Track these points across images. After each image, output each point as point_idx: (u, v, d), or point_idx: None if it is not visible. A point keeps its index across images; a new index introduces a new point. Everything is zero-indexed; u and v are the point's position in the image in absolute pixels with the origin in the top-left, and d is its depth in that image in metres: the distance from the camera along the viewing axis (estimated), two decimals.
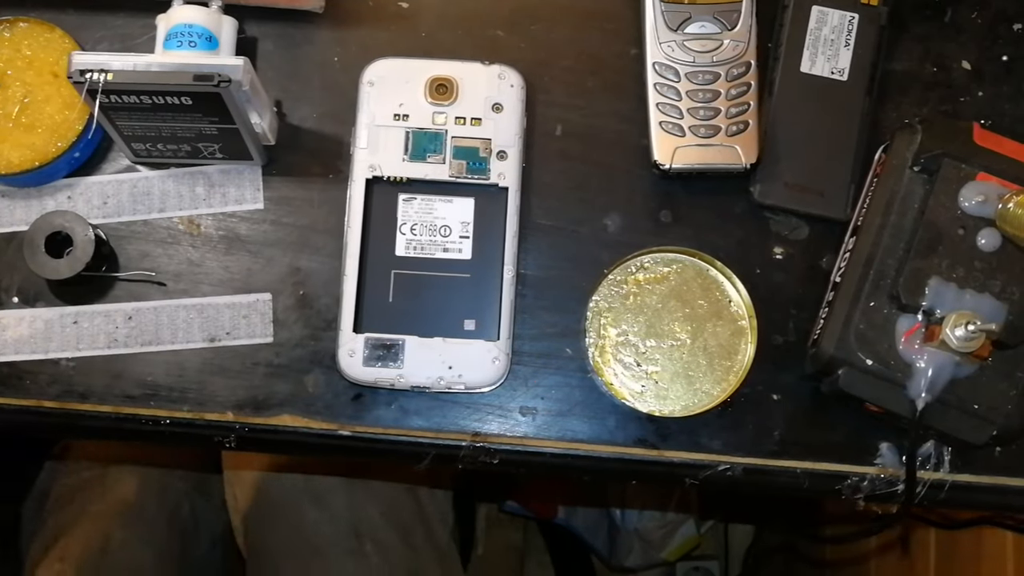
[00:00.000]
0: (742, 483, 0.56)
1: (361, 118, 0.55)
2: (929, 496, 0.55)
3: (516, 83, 0.56)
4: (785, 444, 0.56)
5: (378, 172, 0.55)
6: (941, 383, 0.50)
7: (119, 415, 0.55)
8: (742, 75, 0.55)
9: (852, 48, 0.57)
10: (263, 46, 0.58)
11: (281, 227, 0.57)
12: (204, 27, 0.52)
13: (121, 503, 0.85)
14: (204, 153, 0.55)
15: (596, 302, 0.56)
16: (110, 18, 0.58)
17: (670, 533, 1.31)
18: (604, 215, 0.57)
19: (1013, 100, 0.59)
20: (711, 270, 0.56)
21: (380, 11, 0.59)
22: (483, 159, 0.55)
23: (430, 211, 0.55)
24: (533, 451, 0.56)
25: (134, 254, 0.57)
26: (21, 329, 0.56)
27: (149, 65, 0.49)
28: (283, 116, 0.58)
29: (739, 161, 0.55)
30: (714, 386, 0.55)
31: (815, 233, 0.57)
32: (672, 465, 0.56)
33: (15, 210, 0.57)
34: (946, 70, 0.59)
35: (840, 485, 0.55)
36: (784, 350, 0.56)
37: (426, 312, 0.54)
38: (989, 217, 0.51)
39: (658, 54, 0.56)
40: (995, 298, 0.50)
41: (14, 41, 0.56)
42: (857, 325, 0.51)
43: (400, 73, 0.56)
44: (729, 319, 0.56)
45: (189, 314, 0.56)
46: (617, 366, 0.55)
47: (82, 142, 0.56)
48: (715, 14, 0.56)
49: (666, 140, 0.56)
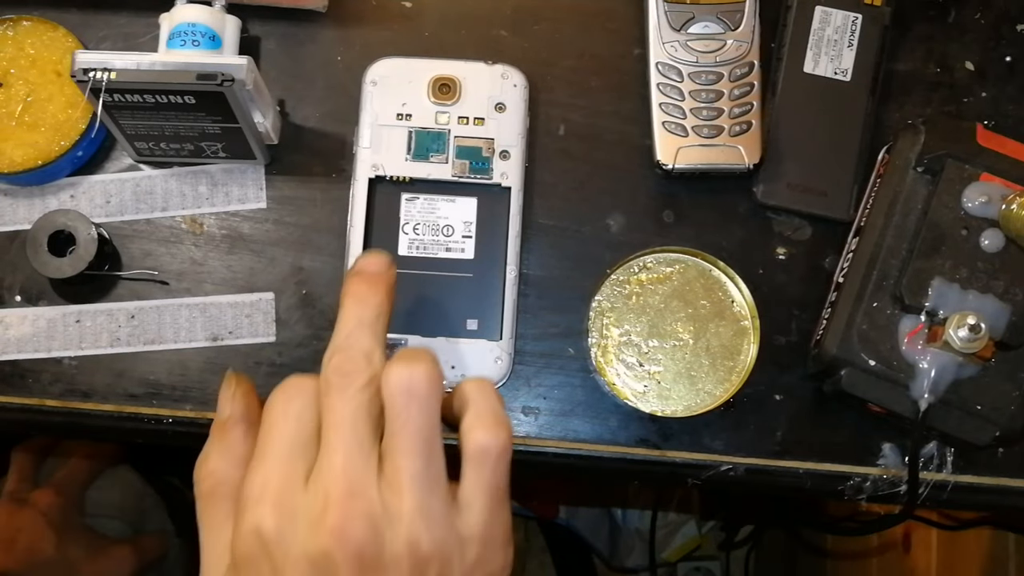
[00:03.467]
0: (744, 483, 0.56)
1: (364, 117, 0.55)
2: (932, 497, 0.55)
3: (519, 83, 0.56)
4: (787, 444, 0.56)
5: (381, 171, 0.55)
6: (944, 384, 0.50)
7: (121, 414, 0.56)
8: (745, 75, 0.55)
9: (855, 48, 0.57)
10: (266, 45, 0.58)
11: (284, 226, 0.57)
12: (207, 26, 0.52)
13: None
14: (207, 152, 0.55)
15: (599, 302, 0.56)
16: (113, 17, 0.58)
17: (671, 533, 1.31)
18: (607, 215, 0.57)
19: (1016, 101, 0.59)
20: (714, 270, 0.56)
21: (383, 11, 0.59)
22: (486, 159, 0.55)
23: (433, 211, 0.55)
24: (535, 451, 0.56)
25: (137, 253, 0.57)
26: (24, 328, 0.56)
27: (152, 64, 0.49)
28: (286, 115, 0.58)
29: (742, 161, 0.55)
30: (716, 386, 0.55)
31: (818, 233, 0.57)
32: (674, 465, 0.56)
33: (18, 209, 0.57)
34: (949, 71, 0.59)
35: (843, 485, 0.55)
36: (787, 350, 0.56)
37: (429, 312, 0.54)
38: (992, 218, 0.51)
39: (661, 54, 0.56)
40: (998, 299, 0.50)
41: (17, 40, 0.56)
42: (860, 325, 0.51)
43: (403, 73, 0.56)
44: (732, 319, 0.56)
45: (192, 313, 0.56)
46: (620, 366, 0.55)
47: (85, 141, 0.56)
48: (718, 14, 0.56)
49: (669, 140, 0.56)
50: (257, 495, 0.35)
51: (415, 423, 0.36)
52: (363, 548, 0.34)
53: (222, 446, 0.39)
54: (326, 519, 0.34)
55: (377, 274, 0.40)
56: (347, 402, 0.36)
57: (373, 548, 0.34)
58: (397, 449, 0.36)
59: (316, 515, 0.34)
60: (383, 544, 0.35)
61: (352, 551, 0.34)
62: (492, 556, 0.37)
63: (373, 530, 0.34)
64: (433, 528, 0.35)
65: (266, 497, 0.35)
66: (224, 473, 0.38)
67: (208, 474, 0.38)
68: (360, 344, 0.37)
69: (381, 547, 0.34)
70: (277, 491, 0.35)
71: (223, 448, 0.38)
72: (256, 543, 0.35)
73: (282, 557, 0.34)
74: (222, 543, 0.37)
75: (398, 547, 0.35)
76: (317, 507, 0.34)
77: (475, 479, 0.37)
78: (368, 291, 0.39)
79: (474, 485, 0.37)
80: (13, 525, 0.79)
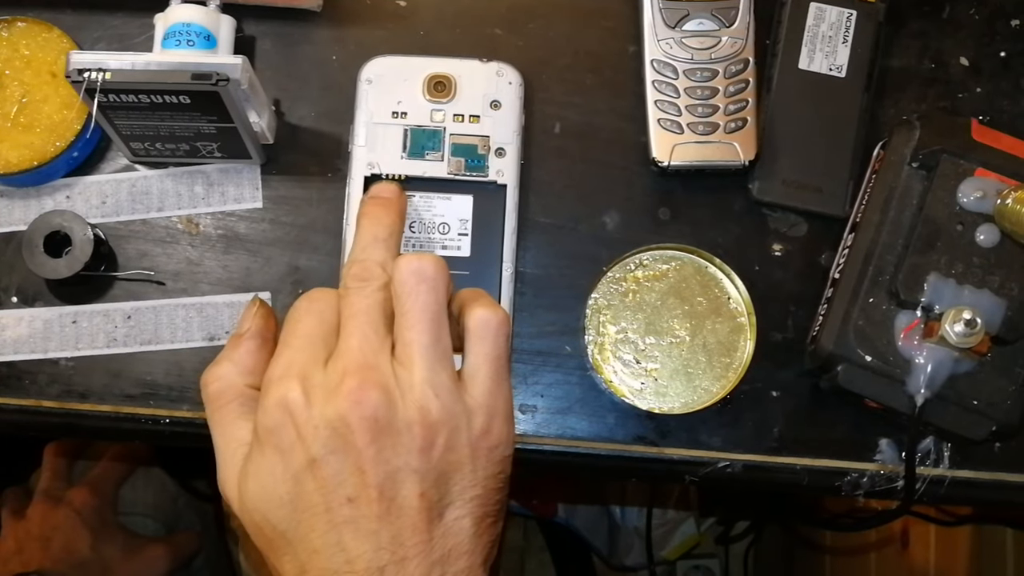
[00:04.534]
0: (742, 480, 0.56)
1: (359, 116, 0.55)
2: (929, 492, 0.55)
3: (514, 80, 0.56)
4: (784, 441, 0.56)
5: (376, 170, 0.55)
6: (940, 379, 0.50)
7: (118, 415, 0.55)
8: (740, 72, 0.56)
9: (850, 45, 0.57)
10: (261, 45, 0.58)
11: (280, 226, 0.57)
12: (202, 26, 0.52)
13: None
14: (203, 152, 0.55)
15: (595, 300, 0.56)
16: (108, 18, 0.58)
17: (670, 531, 1.31)
18: (603, 213, 0.57)
19: (1011, 96, 0.59)
20: (710, 267, 0.56)
21: (378, 10, 0.59)
22: (481, 156, 0.55)
23: (429, 208, 0.55)
24: (533, 449, 0.56)
25: (133, 253, 0.57)
26: (20, 329, 0.56)
27: (147, 64, 0.49)
28: (281, 115, 0.58)
29: (737, 158, 0.55)
30: (713, 383, 0.55)
31: (814, 230, 0.57)
32: (672, 462, 0.56)
33: (14, 210, 0.57)
34: (944, 66, 0.59)
35: (840, 481, 0.55)
36: (783, 347, 0.56)
37: None
38: (987, 213, 0.51)
39: (656, 51, 0.56)
40: (994, 294, 0.51)
41: (12, 41, 0.56)
42: (856, 321, 0.51)
43: (398, 71, 0.56)
44: (728, 316, 0.56)
45: (188, 313, 0.56)
46: (616, 363, 0.55)
47: (80, 141, 0.56)
48: (713, 11, 0.56)
49: (664, 137, 0.56)
50: (281, 373, 0.39)
51: (423, 300, 0.39)
52: (377, 412, 0.37)
53: (234, 354, 0.41)
54: (343, 387, 0.37)
55: (390, 199, 0.45)
56: (363, 299, 0.40)
57: (386, 412, 0.37)
58: (407, 326, 0.39)
59: (334, 385, 0.38)
60: (396, 410, 0.38)
61: (367, 415, 0.37)
62: (496, 428, 0.40)
63: (386, 397, 0.37)
64: (443, 396, 0.38)
65: (291, 373, 0.38)
66: (231, 378, 0.41)
67: (216, 378, 0.41)
68: (375, 256, 0.42)
69: (394, 412, 0.38)
70: (301, 369, 0.38)
71: (234, 357, 0.41)
72: (281, 412, 0.38)
73: (305, 422, 0.37)
74: (236, 438, 0.40)
75: (410, 413, 0.38)
76: (335, 379, 0.38)
77: (478, 351, 0.40)
78: (382, 212, 0.44)
79: (477, 357, 0.40)
80: (49, 523, 0.79)
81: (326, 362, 0.39)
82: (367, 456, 0.37)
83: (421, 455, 0.38)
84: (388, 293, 0.40)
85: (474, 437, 0.39)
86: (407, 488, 0.37)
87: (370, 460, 0.37)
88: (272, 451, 0.38)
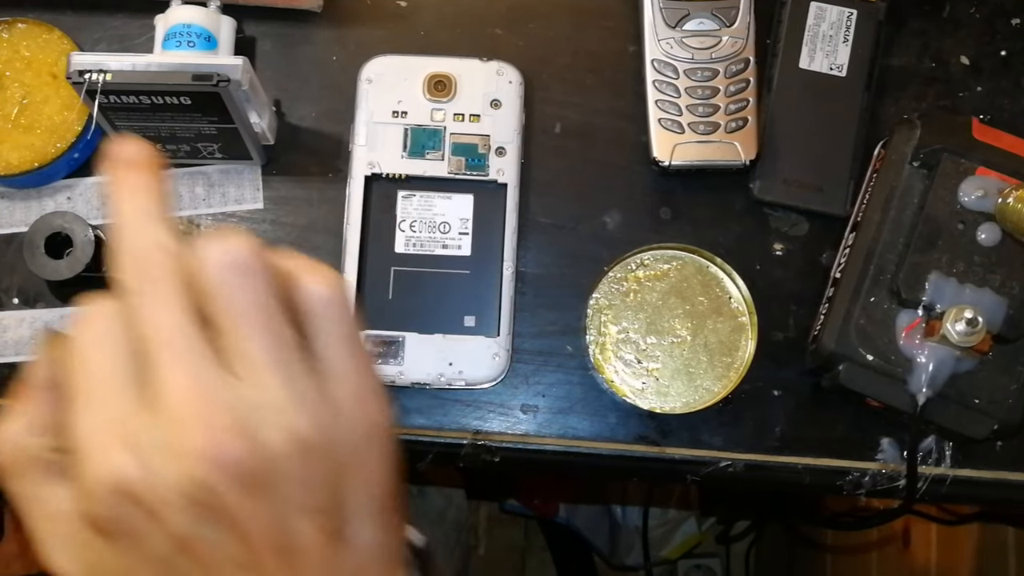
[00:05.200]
0: (743, 479, 0.56)
1: (360, 116, 0.55)
2: (930, 491, 0.55)
3: (514, 79, 0.56)
4: (786, 440, 0.56)
5: (377, 169, 0.55)
6: (942, 378, 0.50)
7: None
8: (741, 71, 0.56)
9: (850, 44, 0.57)
10: (262, 45, 0.58)
11: (281, 226, 0.57)
12: (202, 27, 0.52)
13: None
14: (203, 153, 0.55)
15: (596, 299, 0.56)
16: (108, 19, 0.58)
17: (671, 531, 1.31)
18: (603, 212, 0.57)
19: (1011, 95, 0.59)
20: (711, 267, 0.56)
21: (378, 10, 0.59)
22: (482, 155, 0.55)
23: (429, 208, 0.55)
24: (534, 448, 0.56)
25: None
26: (21, 330, 0.56)
27: (148, 65, 0.49)
28: (282, 115, 0.58)
29: (738, 157, 0.55)
30: (715, 382, 0.55)
31: (815, 229, 0.57)
32: (673, 462, 0.56)
33: (15, 211, 0.57)
34: (944, 65, 0.59)
35: (841, 480, 0.55)
36: (784, 346, 0.56)
37: (426, 309, 0.54)
38: (988, 212, 0.51)
39: (657, 51, 0.56)
40: (995, 292, 0.50)
41: (12, 42, 0.56)
42: (857, 320, 0.51)
43: (398, 70, 0.56)
44: (729, 315, 0.56)
45: None
46: (618, 363, 0.55)
47: (81, 143, 0.56)
48: (713, 11, 0.56)
49: (665, 137, 0.56)
50: (94, 439, 0.29)
51: (250, 298, 0.30)
52: (239, 460, 0.29)
53: (21, 410, 0.32)
54: (186, 441, 0.28)
55: (140, 158, 0.33)
56: (161, 307, 0.30)
57: (250, 455, 0.29)
58: (243, 336, 0.30)
59: (175, 442, 0.28)
60: (260, 446, 0.29)
61: (229, 467, 0.29)
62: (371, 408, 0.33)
63: (243, 436, 0.29)
64: (309, 406, 0.30)
65: (108, 437, 0.29)
66: (22, 440, 0.32)
67: (3, 441, 0.32)
68: (149, 238, 0.31)
69: (259, 450, 0.29)
70: (118, 427, 0.29)
71: (21, 413, 0.32)
72: (116, 496, 0.29)
73: (153, 500, 0.29)
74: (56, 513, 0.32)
75: (278, 443, 0.29)
76: (173, 433, 0.28)
77: (325, 333, 0.32)
78: (138, 176, 0.32)
79: (327, 341, 0.32)
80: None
81: (145, 406, 0.29)
82: (244, 515, 0.29)
83: (305, 487, 0.30)
84: (184, 282, 0.30)
85: (353, 431, 0.32)
86: (303, 529, 0.31)
87: (250, 519, 0.29)
88: (121, 541, 0.30)
